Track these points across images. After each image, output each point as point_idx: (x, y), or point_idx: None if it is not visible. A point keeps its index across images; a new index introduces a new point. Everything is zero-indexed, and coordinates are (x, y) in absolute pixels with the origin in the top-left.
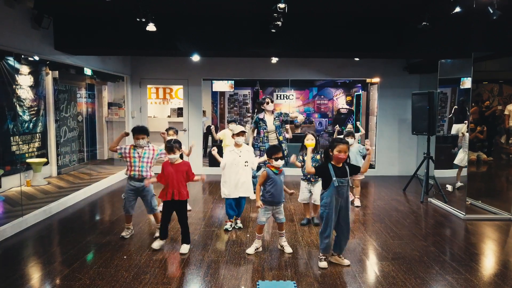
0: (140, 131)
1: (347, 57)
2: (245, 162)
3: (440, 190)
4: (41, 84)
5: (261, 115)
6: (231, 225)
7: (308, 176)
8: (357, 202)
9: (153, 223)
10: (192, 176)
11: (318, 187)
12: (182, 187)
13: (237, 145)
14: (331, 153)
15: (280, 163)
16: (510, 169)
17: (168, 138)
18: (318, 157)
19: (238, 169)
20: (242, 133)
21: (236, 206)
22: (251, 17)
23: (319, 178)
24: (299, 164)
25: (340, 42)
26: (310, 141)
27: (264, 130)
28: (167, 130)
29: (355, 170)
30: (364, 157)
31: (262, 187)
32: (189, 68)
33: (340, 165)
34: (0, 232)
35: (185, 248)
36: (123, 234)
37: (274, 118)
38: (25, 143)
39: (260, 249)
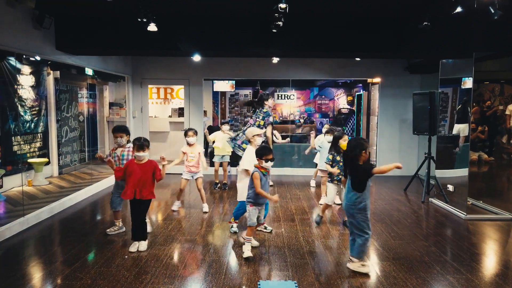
0: (118, 130)
1: (347, 57)
2: None
3: (441, 190)
4: (43, 84)
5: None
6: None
7: (340, 177)
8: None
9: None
10: (161, 175)
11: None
12: (148, 186)
13: (256, 147)
14: (364, 154)
15: (269, 164)
16: (511, 169)
17: (188, 139)
18: (338, 157)
19: None
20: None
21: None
22: (251, 17)
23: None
24: (335, 170)
25: (340, 42)
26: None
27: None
28: (186, 131)
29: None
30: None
31: (249, 189)
32: (190, 68)
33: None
34: (2, 231)
35: (143, 245)
36: (109, 230)
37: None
38: (27, 143)
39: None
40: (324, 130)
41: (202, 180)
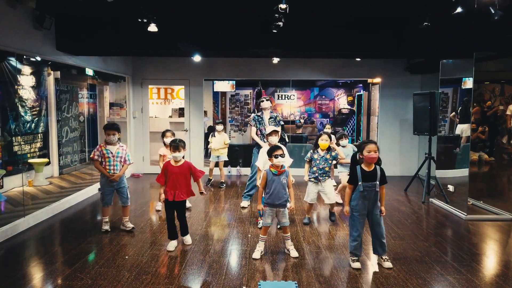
0: (110, 128)
1: (348, 57)
2: None
3: (441, 190)
4: (43, 84)
5: (259, 113)
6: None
7: (316, 175)
8: (339, 199)
9: (123, 217)
10: (200, 174)
11: (327, 186)
12: (184, 187)
13: (271, 145)
14: (361, 156)
15: (280, 160)
16: None
17: (166, 140)
18: (328, 156)
19: None
20: (274, 133)
21: None
22: (251, 17)
23: (327, 177)
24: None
25: (340, 42)
26: (324, 141)
27: (258, 129)
28: (164, 132)
29: (383, 180)
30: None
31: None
32: (190, 68)
33: (371, 167)
34: (2, 232)
35: (188, 239)
36: (107, 228)
37: (269, 118)
38: (27, 143)
39: (262, 252)
40: (326, 131)
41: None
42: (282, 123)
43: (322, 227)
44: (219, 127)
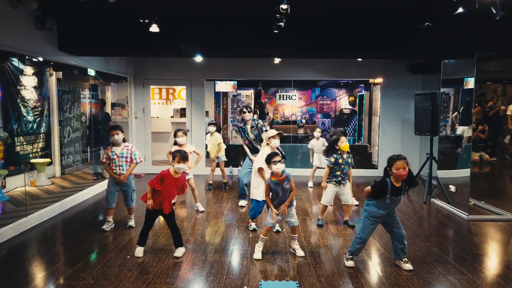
0: (114, 128)
1: (349, 57)
2: None
3: (443, 190)
4: (45, 84)
5: (241, 124)
6: (255, 225)
7: (339, 178)
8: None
9: (127, 215)
10: (184, 190)
11: (347, 188)
12: (172, 198)
13: (272, 148)
14: (390, 172)
15: (280, 166)
16: None
17: (178, 139)
18: (350, 160)
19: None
20: (278, 136)
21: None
22: (253, 17)
23: (347, 180)
24: (324, 184)
25: (342, 42)
26: (345, 143)
27: (246, 139)
28: (175, 131)
29: (413, 183)
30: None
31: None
32: (192, 68)
33: (399, 184)
34: (5, 231)
35: (180, 251)
36: (104, 227)
37: (251, 127)
38: (29, 144)
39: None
40: (316, 134)
41: (193, 180)
42: (264, 128)
43: (323, 227)
44: (212, 128)
